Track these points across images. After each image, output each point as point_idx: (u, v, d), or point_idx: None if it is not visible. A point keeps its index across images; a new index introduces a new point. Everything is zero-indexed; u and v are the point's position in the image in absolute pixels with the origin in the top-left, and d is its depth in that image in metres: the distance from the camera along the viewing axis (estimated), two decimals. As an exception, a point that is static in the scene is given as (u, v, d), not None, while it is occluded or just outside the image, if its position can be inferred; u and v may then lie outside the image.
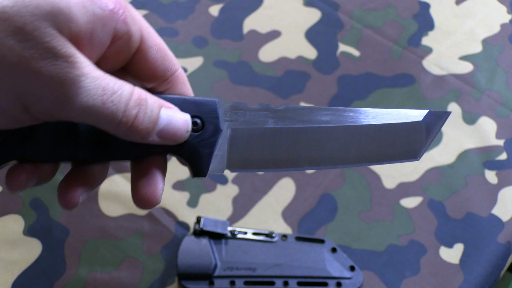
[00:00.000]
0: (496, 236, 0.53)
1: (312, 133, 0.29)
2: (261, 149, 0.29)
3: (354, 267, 0.50)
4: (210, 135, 0.27)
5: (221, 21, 0.73)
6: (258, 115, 0.29)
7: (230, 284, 0.48)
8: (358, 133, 0.30)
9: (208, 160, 0.27)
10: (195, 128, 0.27)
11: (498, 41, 0.70)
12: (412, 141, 0.31)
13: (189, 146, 0.27)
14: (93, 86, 0.24)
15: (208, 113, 0.27)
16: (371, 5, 0.75)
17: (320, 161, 0.29)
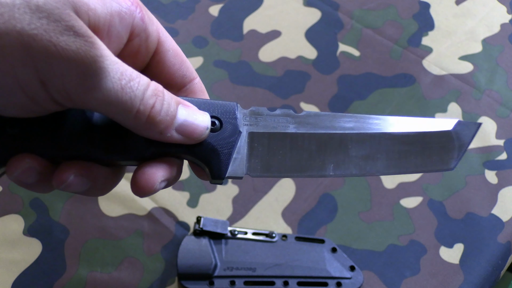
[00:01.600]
0: (496, 236, 0.53)
1: (335, 138, 0.28)
2: (282, 154, 0.28)
3: (354, 267, 0.50)
4: (228, 135, 0.27)
5: (221, 21, 0.73)
6: (278, 120, 0.28)
7: (230, 284, 0.48)
8: (384, 140, 0.29)
9: (227, 161, 0.27)
10: (213, 128, 0.27)
11: (498, 41, 0.70)
12: (443, 151, 0.30)
13: (207, 146, 0.26)
14: (112, 69, 0.23)
15: (227, 114, 0.27)
16: (371, 5, 0.75)
17: (346, 168, 0.29)
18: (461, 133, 0.30)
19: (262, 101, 0.64)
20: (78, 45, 0.22)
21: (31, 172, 0.26)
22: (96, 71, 0.23)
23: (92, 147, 0.26)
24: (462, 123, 0.30)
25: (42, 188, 0.27)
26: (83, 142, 0.26)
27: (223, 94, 0.65)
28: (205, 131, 0.27)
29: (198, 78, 0.30)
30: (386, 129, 0.29)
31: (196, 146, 0.27)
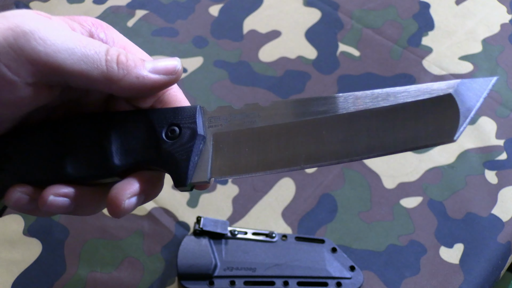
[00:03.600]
0: (496, 236, 0.53)
1: (306, 127, 0.26)
2: (249, 152, 0.26)
3: (354, 267, 0.50)
4: (186, 141, 0.26)
5: (221, 21, 0.73)
6: (245, 116, 0.27)
7: (230, 284, 0.48)
8: (363, 120, 0.25)
9: (185, 167, 0.26)
10: (172, 136, 0.26)
11: (498, 41, 0.70)
12: (441, 120, 0.24)
13: (165, 154, 0.26)
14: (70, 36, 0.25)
15: (186, 119, 0.26)
16: (371, 5, 0.75)
17: (320, 157, 0.25)
18: (466, 94, 0.24)
19: (262, 101, 0.64)
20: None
21: (24, 200, 0.27)
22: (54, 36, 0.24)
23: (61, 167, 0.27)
24: (466, 82, 0.25)
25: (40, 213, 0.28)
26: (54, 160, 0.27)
27: (223, 94, 0.65)
28: (178, 65, 0.26)
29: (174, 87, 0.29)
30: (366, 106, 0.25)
31: (156, 155, 0.26)
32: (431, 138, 0.24)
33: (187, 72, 0.67)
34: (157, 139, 0.26)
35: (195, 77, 0.67)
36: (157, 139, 0.26)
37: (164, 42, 0.70)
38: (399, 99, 0.25)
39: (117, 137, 0.27)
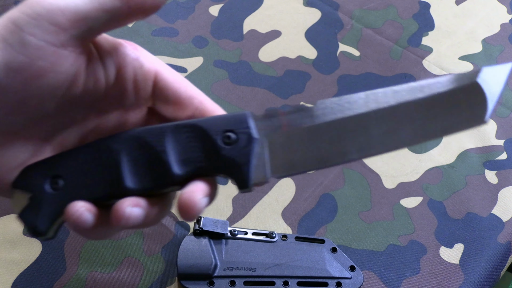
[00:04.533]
0: (496, 236, 0.53)
1: (354, 121, 0.27)
2: (303, 149, 0.28)
3: (354, 267, 0.50)
4: (244, 145, 0.27)
5: (221, 21, 0.73)
6: (293, 117, 0.28)
7: (230, 284, 0.48)
8: (405, 111, 0.27)
9: (247, 170, 0.27)
10: (229, 142, 0.28)
11: (498, 41, 0.70)
12: (472, 106, 0.27)
13: (226, 160, 0.28)
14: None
15: (239, 124, 0.28)
16: (371, 5, 0.75)
17: (369, 149, 0.28)
18: (490, 80, 0.27)
19: (262, 101, 0.64)
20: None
21: (86, 215, 0.27)
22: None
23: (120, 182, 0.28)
24: (488, 70, 0.27)
25: (98, 233, 0.28)
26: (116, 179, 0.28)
27: (223, 94, 0.65)
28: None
29: (206, 97, 0.31)
30: (404, 98, 0.27)
31: (216, 161, 0.28)
32: (465, 124, 0.27)
33: (187, 72, 0.67)
34: (215, 146, 0.28)
35: (195, 77, 0.67)
36: (215, 146, 0.28)
37: (164, 42, 0.70)
38: (433, 90, 0.27)
39: (175, 148, 0.28)
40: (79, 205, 0.27)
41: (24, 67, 0.25)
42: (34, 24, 0.25)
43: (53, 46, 0.25)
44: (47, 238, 0.29)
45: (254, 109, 0.63)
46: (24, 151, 0.29)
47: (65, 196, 0.28)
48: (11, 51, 0.25)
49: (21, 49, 0.25)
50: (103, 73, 0.29)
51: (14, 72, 0.25)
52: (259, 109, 0.63)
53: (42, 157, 0.29)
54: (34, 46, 0.25)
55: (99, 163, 0.28)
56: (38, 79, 0.25)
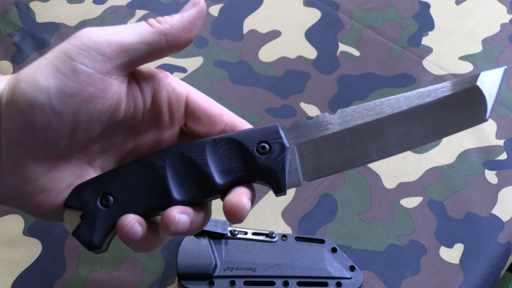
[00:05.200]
0: (496, 236, 0.53)
1: (372, 126, 0.31)
2: (330, 154, 0.31)
3: (354, 267, 0.50)
4: (278, 154, 0.30)
5: (221, 21, 0.73)
6: (317, 125, 0.31)
7: (230, 284, 0.48)
8: (416, 113, 0.31)
9: (283, 176, 0.30)
10: (264, 152, 0.31)
11: (498, 41, 0.70)
12: (474, 106, 0.31)
13: (263, 168, 0.31)
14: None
15: (272, 135, 0.31)
16: (371, 5, 0.75)
17: (388, 149, 0.31)
18: (488, 83, 0.31)
19: (262, 101, 0.64)
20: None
21: (136, 227, 0.29)
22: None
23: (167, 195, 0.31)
24: (485, 74, 0.31)
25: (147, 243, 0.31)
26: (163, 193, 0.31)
27: (223, 94, 0.65)
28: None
29: (233, 114, 0.34)
30: (415, 103, 0.31)
31: (253, 170, 0.31)
32: (469, 122, 0.31)
33: (187, 72, 0.67)
34: (251, 156, 0.31)
35: (195, 77, 0.67)
36: (251, 157, 0.31)
37: (164, 42, 0.70)
38: (439, 94, 0.31)
39: (215, 160, 0.31)
40: (129, 218, 0.30)
41: (76, 93, 0.28)
42: (84, 54, 0.28)
43: (100, 73, 0.28)
44: (101, 251, 0.31)
45: (254, 109, 0.63)
46: (71, 174, 0.31)
47: (116, 212, 0.31)
48: (63, 79, 0.27)
49: (73, 77, 0.27)
50: (141, 98, 0.32)
51: (67, 98, 0.27)
52: (259, 109, 0.63)
53: (86, 179, 0.31)
54: (85, 74, 0.28)
55: (146, 179, 0.31)
56: (88, 104, 0.28)
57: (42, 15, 0.73)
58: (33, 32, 0.71)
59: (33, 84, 0.27)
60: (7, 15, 0.73)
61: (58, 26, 0.72)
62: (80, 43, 0.28)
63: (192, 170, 0.31)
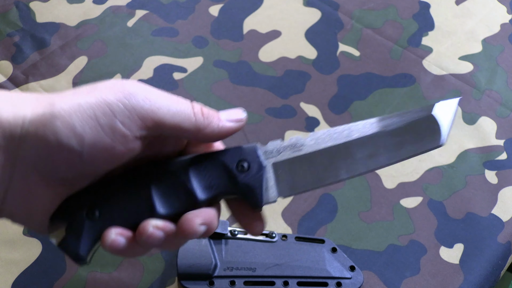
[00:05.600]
0: (496, 236, 0.54)
1: (341, 148, 0.33)
2: (303, 173, 0.33)
3: (354, 267, 0.50)
4: (255, 172, 0.32)
5: (221, 21, 0.73)
6: (292, 146, 0.34)
7: (230, 284, 0.48)
8: (381, 139, 0.34)
9: (260, 193, 0.32)
10: (243, 170, 0.32)
11: (498, 41, 0.70)
12: (431, 132, 0.33)
13: (242, 185, 0.32)
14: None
15: (251, 155, 0.33)
16: (371, 5, 0.75)
17: (356, 169, 0.33)
18: (443, 112, 0.34)
19: (262, 101, 0.64)
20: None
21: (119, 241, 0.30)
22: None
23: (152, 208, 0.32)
24: (441, 104, 0.34)
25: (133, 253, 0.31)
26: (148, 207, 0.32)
27: (223, 94, 0.65)
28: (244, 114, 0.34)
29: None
30: (381, 129, 0.34)
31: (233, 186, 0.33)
32: (427, 146, 0.33)
33: (187, 72, 0.67)
34: (231, 174, 0.32)
35: (195, 77, 0.67)
36: (231, 174, 0.32)
37: (164, 42, 0.70)
38: (404, 121, 0.33)
39: (197, 176, 0.32)
40: (113, 232, 0.30)
41: (107, 149, 0.28)
42: (127, 114, 0.28)
43: (133, 136, 0.29)
44: (85, 264, 0.32)
45: (254, 109, 0.63)
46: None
47: (102, 224, 0.31)
48: (100, 132, 0.28)
49: (109, 132, 0.28)
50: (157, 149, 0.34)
51: (97, 151, 0.28)
52: (259, 109, 0.63)
53: None
54: (121, 133, 0.28)
55: (132, 193, 0.32)
56: (115, 159, 0.29)
57: (42, 15, 0.73)
58: (33, 32, 0.71)
59: (68, 126, 0.27)
60: (7, 15, 0.73)
61: (58, 26, 0.72)
62: (126, 101, 0.28)
63: (176, 186, 0.32)
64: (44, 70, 0.67)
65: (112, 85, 0.29)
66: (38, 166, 0.28)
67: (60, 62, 0.68)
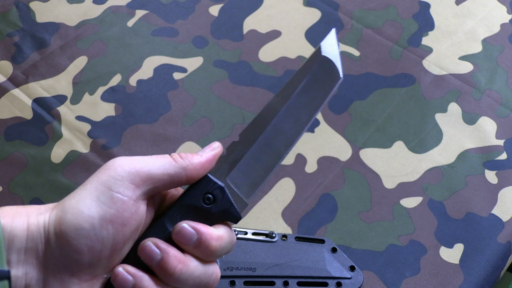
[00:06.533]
0: (496, 236, 0.53)
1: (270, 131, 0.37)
2: (252, 168, 0.36)
3: (354, 267, 0.50)
4: (221, 197, 0.35)
5: (221, 21, 0.73)
6: (231, 154, 0.36)
7: (230, 284, 0.48)
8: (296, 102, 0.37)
9: (234, 210, 0.35)
10: (210, 201, 0.35)
11: (498, 41, 0.70)
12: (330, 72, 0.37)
13: (218, 214, 0.35)
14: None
15: (209, 185, 0.35)
16: (371, 5, 0.75)
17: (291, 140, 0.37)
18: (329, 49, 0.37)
19: (262, 101, 0.64)
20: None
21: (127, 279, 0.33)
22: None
23: None
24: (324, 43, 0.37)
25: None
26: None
27: (223, 94, 0.65)
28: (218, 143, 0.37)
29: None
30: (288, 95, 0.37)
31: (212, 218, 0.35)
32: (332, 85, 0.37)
33: (187, 72, 0.67)
34: (202, 210, 0.35)
35: (195, 77, 0.67)
36: (202, 210, 0.35)
37: (164, 42, 0.70)
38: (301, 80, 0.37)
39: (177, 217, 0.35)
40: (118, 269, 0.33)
41: (114, 219, 0.32)
42: (119, 184, 0.32)
43: (131, 200, 0.32)
44: None
45: (254, 109, 0.63)
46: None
47: None
48: (103, 207, 0.32)
49: (111, 204, 0.32)
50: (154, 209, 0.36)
51: (107, 223, 0.32)
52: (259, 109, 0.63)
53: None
54: (120, 201, 0.32)
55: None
56: (125, 227, 0.32)
57: (42, 15, 0.73)
58: (33, 32, 0.71)
59: (78, 214, 0.31)
60: (7, 15, 0.73)
61: (58, 26, 0.72)
62: (115, 174, 0.33)
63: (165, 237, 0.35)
64: (44, 70, 0.67)
65: (102, 167, 0.33)
66: (66, 263, 0.32)
67: (60, 62, 0.68)
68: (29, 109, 0.63)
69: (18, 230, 0.31)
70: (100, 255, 0.32)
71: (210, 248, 0.33)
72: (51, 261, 0.32)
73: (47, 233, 0.32)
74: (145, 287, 0.32)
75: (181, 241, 0.33)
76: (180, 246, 0.33)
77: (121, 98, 0.65)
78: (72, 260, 0.32)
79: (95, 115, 0.63)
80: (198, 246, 0.33)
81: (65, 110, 0.63)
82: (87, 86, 0.65)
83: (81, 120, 0.63)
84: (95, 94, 0.65)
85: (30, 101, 0.64)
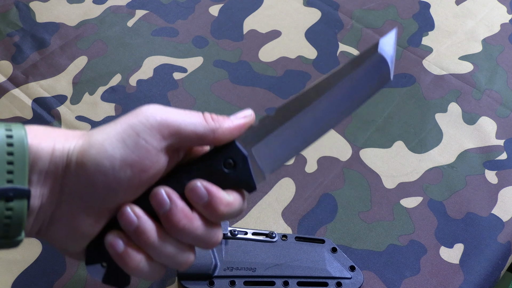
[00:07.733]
0: (496, 236, 0.53)
1: (308, 112, 0.36)
2: (278, 145, 0.36)
3: (354, 267, 0.50)
4: (242, 165, 0.35)
5: (221, 21, 0.73)
6: (261, 126, 0.36)
7: (230, 284, 0.48)
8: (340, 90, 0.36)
9: (251, 179, 0.35)
10: (230, 166, 0.35)
11: (498, 41, 0.70)
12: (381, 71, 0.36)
13: (235, 179, 0.35)
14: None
15: (233, 151, 0.35)
16: (371, 5, 0.75)
17: (324, 128, 0.36)
18: (386, 49, 0.36)
19: (262, 101, 0.64)
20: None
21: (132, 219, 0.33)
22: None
23: None
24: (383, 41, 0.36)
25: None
26: None
27: (223, 94, 0.65)
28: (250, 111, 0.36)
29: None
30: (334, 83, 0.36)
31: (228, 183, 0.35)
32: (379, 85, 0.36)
33: (187, 72, 0.67)
34: (221, 173, 0.35)
35: (195, 77, 0.67)
36: (221, 173, 0.35)
37: (164, 42, 0.70)
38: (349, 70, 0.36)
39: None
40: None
41: (134, 164, 0.32)
42: (148, 132, 0.33)
43: (155, 149, 0.33)
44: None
45: (254, 109, 0.63)
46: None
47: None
48: (127, 150, 0.32)
49: (134, 150, 0.32)
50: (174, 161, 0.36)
51: (126, 167, 0.32)
52: (259, 109, 0.63)
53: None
54: (144, 148, 0.33)
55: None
56: (143, 173, 0.33)
57: (42, 15, 0.73)
58: (33, 32, 0.71)
59: (101, 151, 0.32)
60: (7, 15, 0.73)
61: (58, 26, 0.72)
62: (146, 121, 0.33)
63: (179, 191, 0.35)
64: (44, 70, 0.67)
65: (136, 111, 0.34)
66: (80, 192, 0.32)
67: (60, 62, 0.68)
68: (29, 109, 0.64)
69: (43, 152, 0.32)
70: (113, 194, 0.33)
71: (218, 212, 0.34)
72: (67, 187, 0.33)
73: (69, 160, 0.32)
74: (147, 230, 0.33)
75: (192, 198, 0.34)
76: (190, 202, 0.34)
77: (121, 98, 0.65)
78: (87, 192, 0.32)
79: (95, 115, 0.63)
80: (206, 207, 0.34)
81: (65, 110, 0.63)
82: (87, 86, 0.65)
83: (81, 120, 0.63)
84: (95, 94, 0.65)
85: (30, 101, 0.64)
